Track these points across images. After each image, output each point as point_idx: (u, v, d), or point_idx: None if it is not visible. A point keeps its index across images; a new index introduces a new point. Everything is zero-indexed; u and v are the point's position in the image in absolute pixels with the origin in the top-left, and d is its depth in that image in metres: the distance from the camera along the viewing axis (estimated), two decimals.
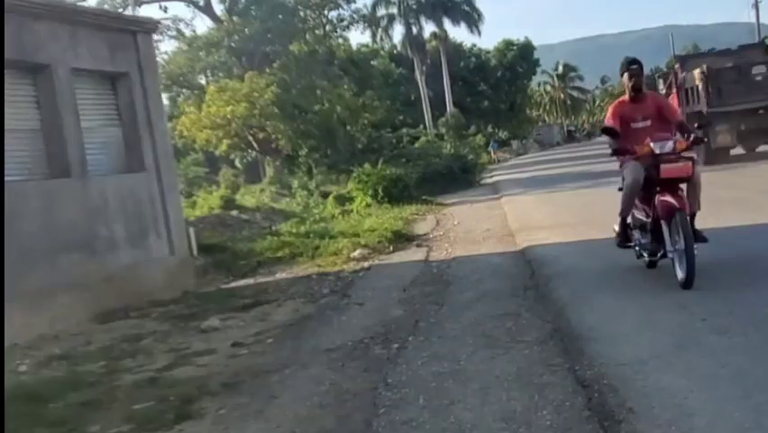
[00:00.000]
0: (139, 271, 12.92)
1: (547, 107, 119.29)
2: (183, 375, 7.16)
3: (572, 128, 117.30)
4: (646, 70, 9.46)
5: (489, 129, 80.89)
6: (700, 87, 22.23)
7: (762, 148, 23.98)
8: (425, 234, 16.78)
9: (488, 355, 6.25)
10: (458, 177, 33.05)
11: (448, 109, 63.77)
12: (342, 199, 26.23)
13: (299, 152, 34.94)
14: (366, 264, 13.40)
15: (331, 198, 26.85)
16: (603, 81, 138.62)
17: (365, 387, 5.90)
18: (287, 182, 32.81)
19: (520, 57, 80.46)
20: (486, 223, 17.51)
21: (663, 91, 23.65)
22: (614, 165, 9.05)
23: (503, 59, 79.72)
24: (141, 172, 13.46)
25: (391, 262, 13.46)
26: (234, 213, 22.45)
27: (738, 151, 23.54)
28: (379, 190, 24.65)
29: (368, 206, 24.15)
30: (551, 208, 18.82)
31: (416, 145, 40.05)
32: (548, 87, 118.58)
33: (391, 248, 14.86)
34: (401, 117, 57.31)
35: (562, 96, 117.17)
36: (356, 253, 14.51)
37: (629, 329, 6.31)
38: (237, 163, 49.41)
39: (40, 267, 10.84)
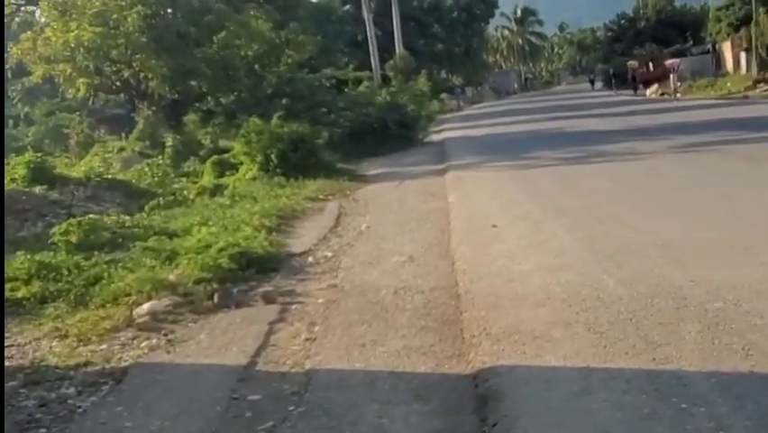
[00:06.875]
0: None
1: (504, 53, 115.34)
2: None
3: (530, 75, 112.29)
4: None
5: (443, 74, 73.34)
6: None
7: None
8: (300, 255, 9.30)
9: None
10: (395, 133, 25.19)
11: (397, 51, 56.21)
12: (226, 166, 18.64)
13: (197, 98, 26.84)
14: (131, 357, 6.10)
15: (208, 164, 19.11)
16: (561, 29, 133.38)
17: None
18: (160, 138, 24.57)
19: None
20: (412, 235, 10.00)
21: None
22: (599, 123, 1.63)
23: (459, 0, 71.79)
24: None
25: (176, 363, 5.93)
26: (39, 189, 14.76)
27: None
28: (272, 156, 17.06)
29: (254, 179, 16.63)
30: (530, 208, 10.72)
31: (354, 92, 31.56)
32: (506, 32, 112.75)
33: (215, 299, 7.47)
34: (346, 60, 49.03)
35: (520, 41, 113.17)
36: (144, 309, 7.21)
37: None
38: None
39: None
